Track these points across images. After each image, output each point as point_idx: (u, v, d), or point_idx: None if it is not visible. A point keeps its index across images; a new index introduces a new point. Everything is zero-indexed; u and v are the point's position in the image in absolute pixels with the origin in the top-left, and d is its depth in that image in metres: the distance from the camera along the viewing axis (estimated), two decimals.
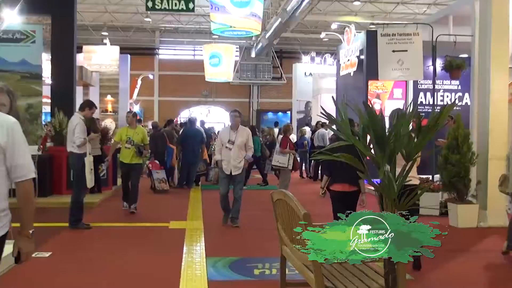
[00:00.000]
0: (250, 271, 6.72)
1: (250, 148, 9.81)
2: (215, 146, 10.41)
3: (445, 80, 13.86)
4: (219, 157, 9.72)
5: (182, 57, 36.33)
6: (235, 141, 9.59)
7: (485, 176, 10.05)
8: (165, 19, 30.85)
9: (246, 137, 9.73)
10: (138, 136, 11.01)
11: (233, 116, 9.86)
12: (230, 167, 9.55)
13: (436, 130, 3.89)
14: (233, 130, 9.73)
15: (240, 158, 9.61)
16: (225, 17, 16.42)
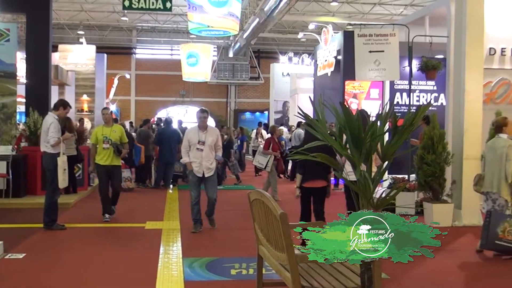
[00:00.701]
0: (227, 271, 6.70)
1: (220, 148, 9.39)
2: (181, 147, 9.60)
3: (421, 81, 13.95)
4: (187, 159, 9.19)
5: (159, 57, 36.16)
6: (205, 141, 9.13)
7: (460, 175, 10.15)
8: (142, 18, 30.68)
9: (216, 137, 9.28)
10: (116, 134, 10.03)
11: (202, 116, 9.26)
12: (203, 169, 9.10)
13: (411, 130, 3.91)
14: (202, 131, 9.21)
15: (212, 159, 9.18)
16: (203, 17, 16.37)
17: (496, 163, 7.69)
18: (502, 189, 7.61)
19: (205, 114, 9.31)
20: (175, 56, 33.77)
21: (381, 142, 3.89)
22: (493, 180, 7.73)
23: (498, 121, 7.98)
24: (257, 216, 5.18)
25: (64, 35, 30.31)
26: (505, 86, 11.99)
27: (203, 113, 9.28)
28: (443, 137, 10.20)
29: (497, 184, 7.67)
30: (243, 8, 22.02)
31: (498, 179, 7.65)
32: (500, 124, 7.92)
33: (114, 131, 10.07)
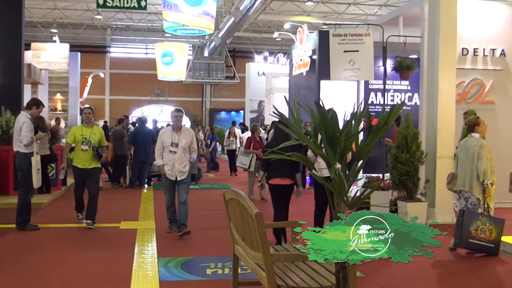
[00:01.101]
0: (203, 271, 6.68)
1: (195, 150, 8.94)
2: (155, 149, 9.17)
3: (395, 81, 14.07)
4: (161, 162, 8.77)
5: (134, 56, 35.95)
6: (179, 143, 8.68)
7: (433, 174, 10.26)
8: (116, 17, 30.46)
9: (190, 138, 8.80)
10: (95, 136, 9.30)
11: (176, 116, 8.83)
12: (175, 172, 8.68)
13: (386, 130, 3.94)
14: (176, 132, 8.76)
15: (185, 162, 8.74)
16: (178, 16, 16.31)
17: (468, 162, 7.79)
18: (474, 188, 7.71)
19: (180, 113, 8.90)
20: (150, 55, 33.60)
21: (355, 141, 3.91)
22: (466, 178, 7.83)
23: (471, 121, 8.09)
24: (233, 215, 5.18)
25: (37, 33, 29.97)
26: (477, 86, 12.16)
27: (178, 112, 8.89)
28: (417, 136, 10.30)
29: (469, 182, 7.77)
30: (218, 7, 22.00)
31: (470, 178, 7.75)
32: (472, 123, 8.02)
33: (94, 132, 9.35)
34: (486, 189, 7.62)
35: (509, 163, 8.48)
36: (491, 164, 7.63)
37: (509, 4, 13.00)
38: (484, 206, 7.70)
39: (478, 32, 12.14)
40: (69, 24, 31.28)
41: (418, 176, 10.19)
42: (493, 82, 12.17)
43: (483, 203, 7.69)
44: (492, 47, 12.19)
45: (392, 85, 14.36)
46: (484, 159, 7.59)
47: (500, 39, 12.24)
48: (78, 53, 23.56)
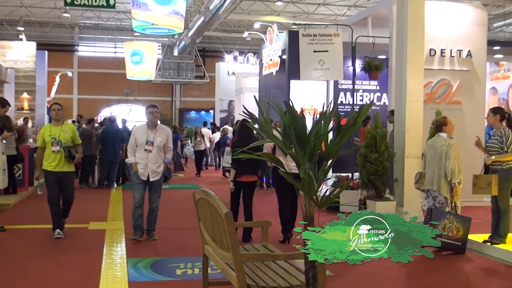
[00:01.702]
0: (172, 271, 6.65)
1: (170, 150, 8.51)
2: (128, 146, 8.61)
3: (364, 81, 14.20)
4: (133, 159, 8.31)
5: (102, 55, 35.56)
6: (154, 141, 8.25)
7: (402, 174, 10.37)
8: (84, 15, 30.08)
9: (166, 137, 8.37)
10: (66, 135, 8.39)
11: (152, 112, 8.34)
12: (148, 172, 8.23)
13: (355, 129, 3.96)
14: (151, 129, 8.31)
15: (160, 162, 8.31)
16: (147, 15, 16.19)
17: (436, 161, 7.90)
18: (442, 187, 7.82)
19: (156, 109, 8.40)
20: (119, 54, 33.27)
21: (325, 141, 3.93)
22: (433, 177, 7.93)
23: (438, 121, 8.19)
24: (202, 215, 5.17)
25: (3, 31, 29.45)
26: (445, 87, 12.34)
27: (153, 108, 8.38)
28: (386, 136, 10.40)
29: (437, 181, 7.88)
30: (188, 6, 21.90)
31: (438, 177, 7.85)
32: (440, 123, 8.13)
33: (64, 131, 8.40)
34: (453, 188, 7.74)
35: (476, 162, 8.60)
36: (459, 164, 7.75)
37: (475, 5, 13.24)
38: (452, 204, 7.81)
39: (445, 33, 12.32)
40: (36, 22, 30.78)
41: (387, 175, 10.29)
42: (460, 82, 12.36)
43: (451, 202, 7.81)
44: (459, 48, 12.38)
45: (361, 85, 14.50)
46: (452, 158, 7.70)
47: (466, 40, 12.44)
48: (45, 52, 23.19)
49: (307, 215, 3.89)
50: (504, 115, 8.21)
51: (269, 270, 4.69)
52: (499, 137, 7.86)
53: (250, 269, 4.67)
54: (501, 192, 7.82)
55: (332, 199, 3.97)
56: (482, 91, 12.87)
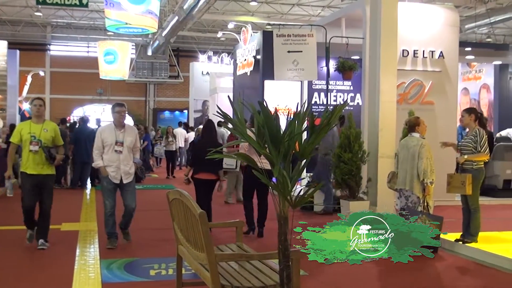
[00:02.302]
0: (146, 272, 6.61)
1: (138, 150, 8.17)
2: (94, 149, 7.99)
3: (338, 81, 14.28)
4: (101, 163, 7.79)
5: (75, 54, 35.18)
6: (124, 142, 7.82)
7: (375, 173, 10.45)
8: (57, 14, 29.73)
9: (135, 136, 7.99)
10: (47, 134, 7.65)
11: (119, 111, 7.88)
12: (120, 174, 7.80)
13: (328, 129, 3.98)
14: (119, 129, 7.85)
15: (131, 163, 7.92)
16: (120, 14, 16.09)
17: (408, 161, 7.97)
18: (414, 187, 7.89)
19: (123, 108, 7.95)
20: (92, 54, 32.97)
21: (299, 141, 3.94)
22: (406, 177, 8.00)
23: (411, 121, 8.27)
24: (176, 215, 5.15)
25: None
26: (417, 87, 12.47)
27: (121, 107, 7.91)
28: (359, 136, 10.47)
29: (409, 181, 7.95)
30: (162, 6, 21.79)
31: (411, 177, 7.92)
32: (413, 123, 8.21)
33: (45, 129, 7.67)
34: (426, 188, 7.81)
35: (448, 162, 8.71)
36: (431, 163, 7.83)
37: (447, 7, 13.38)
38: (424, 204, 7.88)
39: (418, 35, 12.45)
40: (7, 21, 30.35)
41: (360, 175, 10.37)
42: (432, 83, 12.50)
43: (423, 201, 7.88)
44: (431, 49, 12.52)
45: (335, 85, 14.58)
46: (425, 158, 7.78)
47: (438, 42, 12.58)
48: (17, 51, 22.88)
49: (281, 215, 3.90)
50: (478, 115, 8.33)
51: (243, 270, 4.69)
52: (473, 137, 7.97)
53: (224, 269, 4.66)
54: (472, 191, 7.93)
55: (306, 199, 3.99)
56: (454, 92, 13.04)
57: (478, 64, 18.92)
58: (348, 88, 14.84)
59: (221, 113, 4.14)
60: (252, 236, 8.47)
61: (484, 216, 8.29)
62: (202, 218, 4.21)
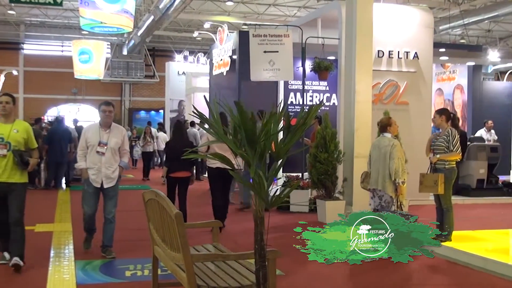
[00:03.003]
0: (121, 273, 6.57)
1: (126, 153, 7.59)
2: (78, 149, 7.59)
3: (314, 81, 14.33)
4: (84, 165, 7.31)
5: (49, 53, 34.80)
6: (108, 143, 7.28)
7: (351, 173, 10.51)
8: (31, 13, 29.37)
9: (122, 138, 7.43)
10: (18, 135, 6.62)
11: (105, 111, 7.34)
12: (101, 178, 7.28)
13: (304, 129, 4.00)
14: (104, 129, 7.34)
15: (115, 166, 7.35)
16: (95, 13, 15.96)
17: (380, 161, 8.03)
18: (386, 187, 7.94)
19: (110, 107, 7.40)
20: (66, 53, 32.64)
21: (275, 141, 3.95)
22: (378, 177, 8.06)
23: (383, 121, 8.33)
24: (152, 216, 5.12)
25: None
26: (393, 87, 12.57)
27: (107, 106, 7.38)
28: (335, 136, 10.53)
29: (382, 181, 8.00)
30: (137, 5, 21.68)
31: (383, 177, 7.98)
32: (384, 124, 8.27)
33: (15, 130, 6.62)
34: (398, 188, 7.87)
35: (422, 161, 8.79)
36: (402, 163, 7.91)
37: (421, 8, 13.52)
38: (397, 203, 7.95)
39: (393, 36, 12.56)
40: None
41: (336, 175, 10.42)
42: (407, 83, 12.62)
43: (396, 200, 7.94)
44: (406, 50, 12.64)
45: (311, 85, 14.62)
46: (396, 158, 7.84)
47: (413, 42, 12.70)
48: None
49: (257, 215, 3.90)
50: (449, 116, 8.44)
51: (219, 270, 4.68)
52: (446, 137, 8.07)
53: (200, 269, 4.65)
54: (444, 191, 8.03)
55: (282, 199, 4.00)
56: (428, 92, 13.18)
57: (452, 65, 19.13)
58: (324, 88, 14.89)
59: (197, 113, 4.13)
60: (228, 236, 8.45)
61: (457, 215, 8.39)
62: (178, 219, 4.19)
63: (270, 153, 3.96)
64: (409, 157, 10.10)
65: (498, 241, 8.54)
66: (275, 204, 3.94)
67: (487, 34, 29.42)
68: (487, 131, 15.55)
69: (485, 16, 21.41)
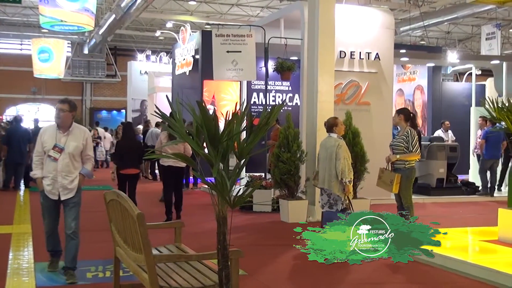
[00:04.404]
0: (83, 275, 6.49)
1: (89, 159, 6.48)
2: (33, 155, 6.46)
3: (277, 81, 14.38)
4: (39, 173, 6.25)
5: (7, 51, 34.09)
6: (65, 147, 6.17)
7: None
8: None
9: (83, 141, 6.30)
10: None
11: (59, 108, 6.19)
12: (58, 188, 6.17)
13: (267, 129, 4.01)
14: (62, 131, 6.22)
15: (73, 175, 6.27)
16: (55, 11, 15.71)
17: (327, 161, 8.09)
18: (333, 186, 7.99)
19: (64, 105, 6.21)
20: (26, 51, 32.04)
21: (237, 141, 3.95)
22: (325, 177, 8.13)
23: (329, 121, 8.40)
24: (114, 217, 5.07)
25: None
26: (354, 88, 12.70)
27: (61, 104, 6.23)
28: (298, 136, 10.57)
29: (328, 181, 8.06)
30: (99, 3, 21.42)
31: (329, 176, 8.04)
32: (331, 124, 8.33)
33: None
34: (345, 187, 7.94)
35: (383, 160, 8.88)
36: (348, 163, 7.99)
37: (383, 10, 13.68)
38: (346, 202, 8.03)
39: (355, 36, 12.68)
40: None
41: (299, 175, 10.47)
42: (368, 84, 12.76)
43: (345, 199, 8.01)
44: (367, 51, 12.78)
45: (274, 85, 14.67)
46: (342, 158, 7.91)
47: (374, 43, 12.85)
48: None
49: (219, 215, 3.90)
50: (409, 115, 8.55)
51: (182, 271, 4.66)
52: (405, 137, 8.18)
53: (163, 270, 4.63)
54: (404, 190, 8.15)
55: (245, 198, 4.00)
56: (389, 93, 13.35)
57: (413, 66, 19.41)
58: (287, 89, 14.96)
59: (159, 113, 4.10)
60: (191, 237, 8.41)
61: (417, 214, 8.51)
62: (140, 219, 4.16)
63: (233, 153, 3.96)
64: (370, 157, 10.27)
65: (457, 239, 8.70)
66: (237, 204, 3.94)
67: (447, 36, 29.99)
68: (444, 131, 15.82)
69: (445, 18, 21.84)
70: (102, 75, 33.36)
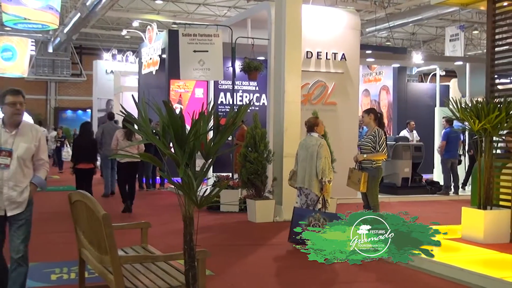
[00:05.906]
0: (47, 277, 6.40)
1: (43, 164, 5.04)
2: None
3: (244, 81, 14.39)
4: None
5: None
6: (13, 150, 4.81)
7: (280, 173, 10.59)
8: None
9: (35, 141, 4.93)
10: None
11: (15, 102, 4.83)
12: (3, 202, 4.79)
13: (233, 129, 4.00)
14: (10, 130, 4.86)
15: (24, 184, 4.87)
16: (19, 9, 15.48)
17: (307, 160, 8.12)
18: (313, 185, 8.04)
19: (19, 98, 4.88)
20: None
21: (204, 141, 3.93)
22: (305, 176, 8.16)
23: (310, 121, 8.44)
24: (79, 218, 5.00)
25: None
26: (321, 88, 12.77)
27: (17, 96, 4.89)
28: (265, 136, 10.59)
29: (308, 180, 8.09)
30: (63, 1, 21.13)
31: (309, 176, 8.08)
32: (312, 123, 8.38)
33: None
34: (324, 186, 7.99)
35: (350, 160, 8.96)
36: (329, 163, 8.04)
37: (349, 11, 13.79)
38: (323, 202, 8.07)
39: (321, 37, 12.76)
40: None
41: (266, 175, 10.49)
42: (335, 84, 12.84)
43: (322, 199, 8.06)
44: (334, 51, 12.86)
45: (241, 85, 14.69)
46: (323, 158, 7.96)
47: (341, 44, 12.94)
48: None
49: (186, 215, 3.88)
50: (377, 116, 8.64)
51: (148, 272, 4.63)
52: (372, 137, 8.27)
53: (129, 271, 4.58)
54: (370, 190, 8.24)
55: (211, 198, 3.99)
56: (355, 93, 13.46)
57: (378, 67, 19.61)
58: (254, 89, 14.98)
59: (125, 112, 4.06)
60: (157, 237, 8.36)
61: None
62: (105, 220, 4.12)
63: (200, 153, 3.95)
64: (336, 156, 10.32)
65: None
66: (204, 204, 3.92)
67: (412, 37, 30.40)
68: (410, 131, 16.04)
69: (410, 20, 22.13)
70: (67, 74, 32.95)
